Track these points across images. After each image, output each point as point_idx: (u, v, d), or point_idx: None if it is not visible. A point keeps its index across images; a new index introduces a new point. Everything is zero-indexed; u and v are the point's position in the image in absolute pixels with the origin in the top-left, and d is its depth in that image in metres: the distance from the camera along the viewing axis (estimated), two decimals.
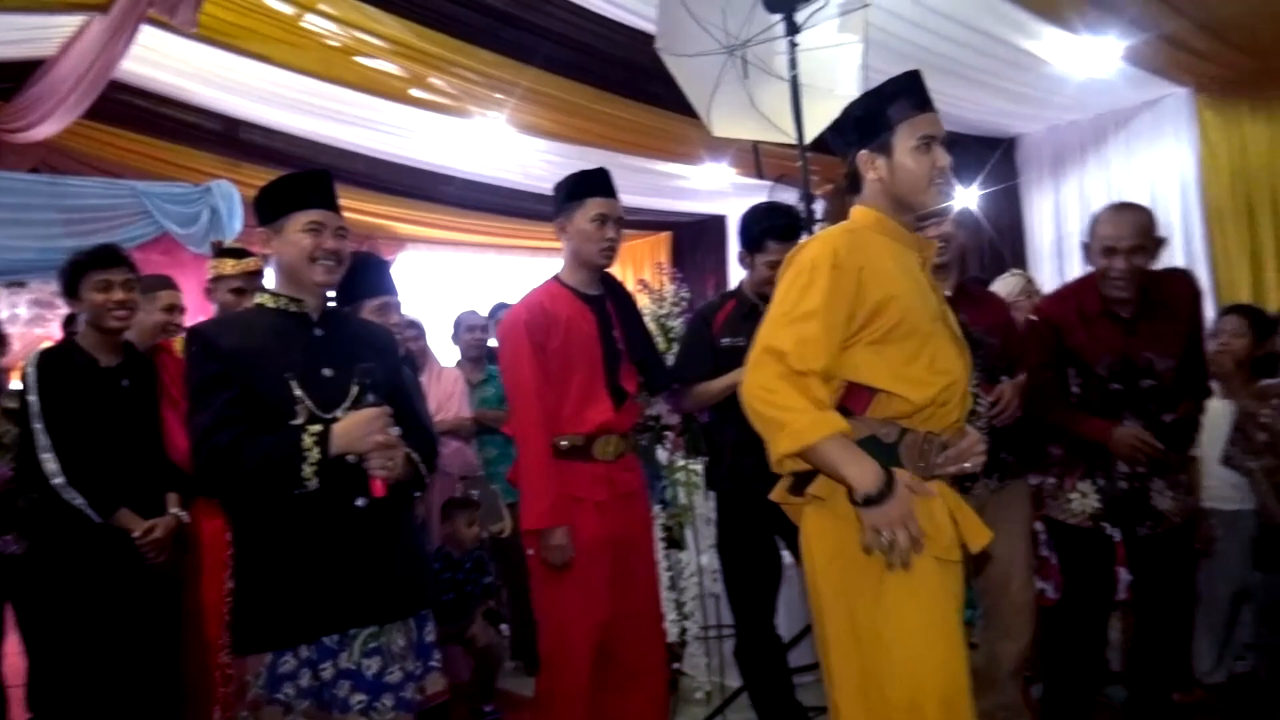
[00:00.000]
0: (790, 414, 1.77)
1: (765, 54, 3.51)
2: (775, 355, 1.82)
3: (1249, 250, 6.32)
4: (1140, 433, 2.66)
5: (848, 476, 1.77)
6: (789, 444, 1.78)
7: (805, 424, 1.76)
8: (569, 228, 2.70)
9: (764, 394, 1.82)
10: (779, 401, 1.79)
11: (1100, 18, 5.11)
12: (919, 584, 1.81)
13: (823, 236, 1.98)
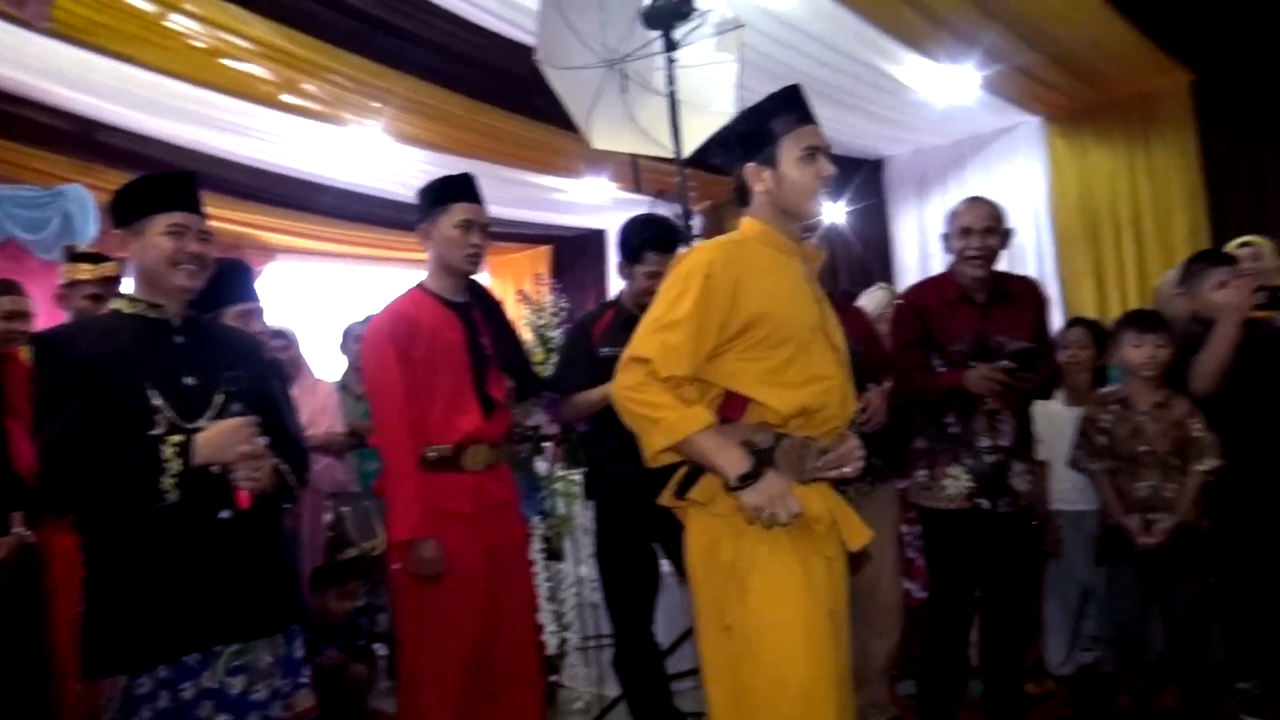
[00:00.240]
0: (661, 410, 1.86)
1: (644, 69, 3.57)
2: (640, 361, 1.90)
3: (1093, 269, 6.77)
4: (989, 370, 2.84)
5: (719, 464, 1.86)
6: (663, 438, 1.87)
7: (676, 419, 1.85)
8: (433, 234, 2.66)
9: (634, 395, 1.90)
10: (649, 400, 1.87)
11: (959, 47, 5.39)
12: (785, 581, 1.89)
13: (703, 247, 2.04)
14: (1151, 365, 3.10)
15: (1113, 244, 6.69)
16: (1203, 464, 3.01)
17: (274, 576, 2.00)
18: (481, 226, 2.69)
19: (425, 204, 2.70)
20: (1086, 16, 5.16)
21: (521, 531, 2.89)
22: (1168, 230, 6.42)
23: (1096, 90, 6.52)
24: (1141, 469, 3.08)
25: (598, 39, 3.54)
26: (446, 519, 2.53)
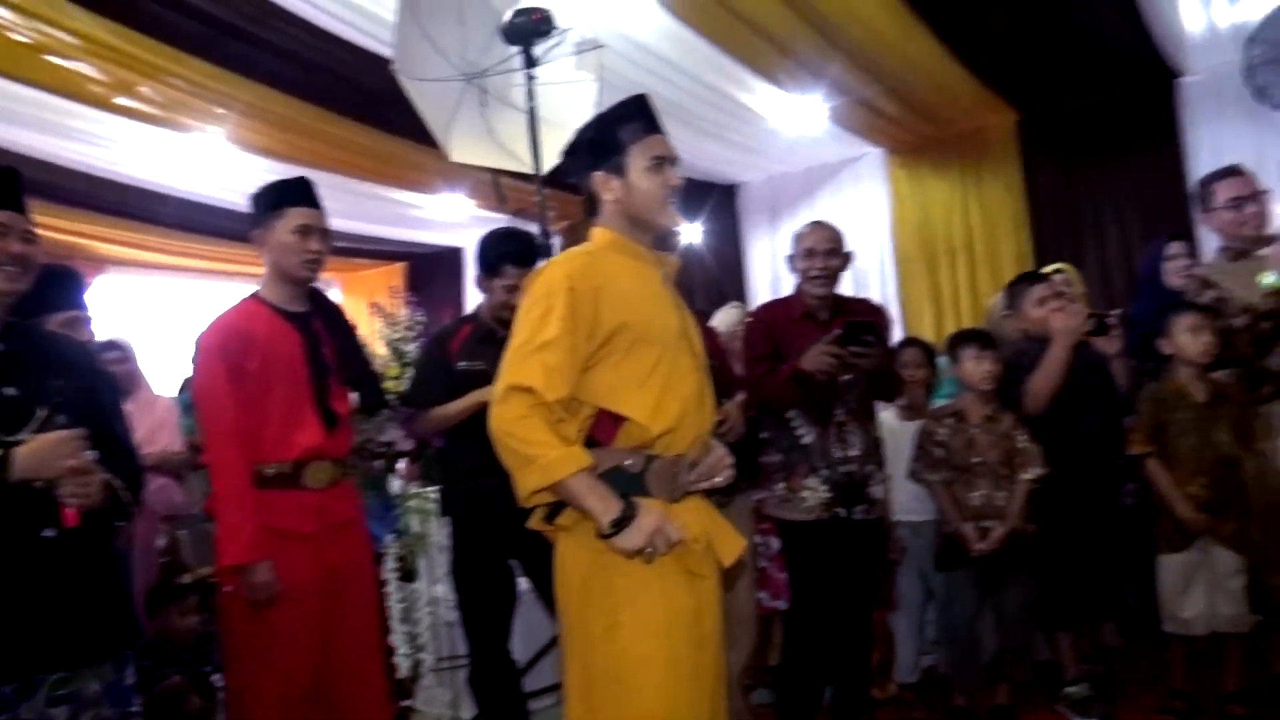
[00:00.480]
0: (540, 449, 1.80)
1: (504, 85, 3.57)
2: (523, 390, 1.82)
3: (931, 292, 7.18)
4: (821, 346, 2.93)
5: (591, 509, 1.81)
6: (538, 479, 1.81)
7: (553, 460, 1.79)
8: (268, 240, 2.54)
9: (514, 429, 1.82)
10: (530, 436, 1.80)
11: (807, 78, 5.63)
12: (654, 616, 1.85)
13: (558, 260, 2.00)
14: (989, 380, 3.30)
15: (948, 269, 7.13)
16: (1028, 473, 3.22)
17: (104, 599, 1.86)
18: (321, 232, 2.58)
19: (259, 209, 2.58)
20: (923, 56, 5.48)
21: (366, 552, 2.76)
22: (997, 256, 6.88)
23: (933, 125, 6.94)
24: (975, 479, 3.27)
25: (457, 53, 3.52)
26: (283, 540, 2.40)
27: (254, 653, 2.41)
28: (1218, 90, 6.19)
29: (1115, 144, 6.56)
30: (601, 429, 1.92)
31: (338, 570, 2.51)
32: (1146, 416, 3.18)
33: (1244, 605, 3.09)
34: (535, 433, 1.80)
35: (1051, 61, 5.85)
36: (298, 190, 2.60)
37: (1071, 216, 6.72)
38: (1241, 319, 3.11)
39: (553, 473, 1.79)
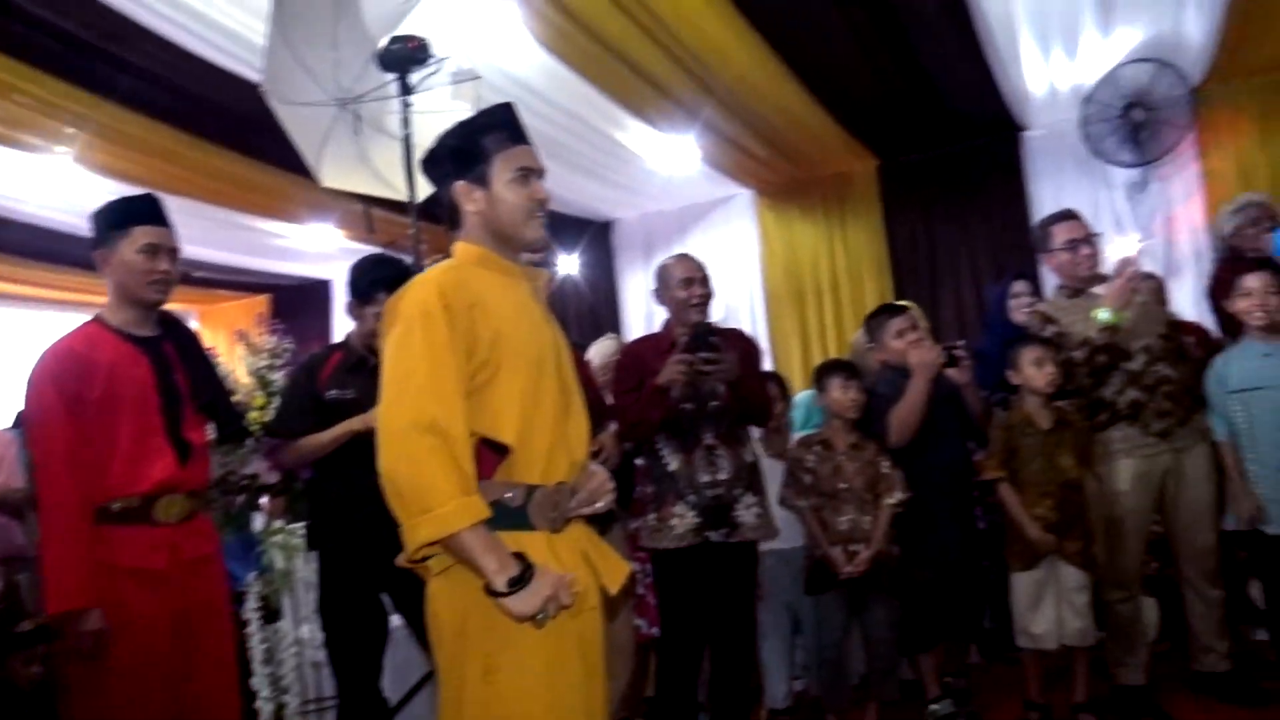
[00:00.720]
0: (436, 498, 1.65)
1: (378, 111, 3.53)
2: (424, 428, 1.66)
3: (799, 329, 7.43)
4: (675, 358, 2.99)
5: (484, 568, 1.67)
6: (431, 532, 1.66)
7: (450, 511, 1.65)
8: (112, 260, 2.41)
9: (412, 472, 1.66)
10: (429, 483, 1.65)
11: (681, 120, 5.77)
12: (534, 662, 1.74)
13: (423, 280, 1.84)
14: (854, 409, 3.43)
15: (815, 307, 7.39)
16: (892, 498, 3.35)
17: None
18: (170, 251, 2.46)
19: (101, 228, 2.45)
20: (791, 102, 5.71)
21: (222, 591, 2.61)
22: (861, 296, 7.17)
23: (800, 169, 7.22)
24: (842, 504, 3.38)
25: (330, 77, 3.46)
26: (130, 578, 2.27)
27: (96, 701, 2.25)
28: (1058, 144, 6.68)
29: (968, 191, 6.98)
30: (482, 463, 1.78)
31: (191, 610, 2.37)
32: (997, 443, 3.36)
33: (1089, 620, 3.28)
34: (436, 478, 1.65)
35: (910, 113, 6.19)
36: (144, 207, 2.48)
37: (929, 258, 7.10)
38: (1080, 352, 3.33)
39: (448, 525, 1.65)
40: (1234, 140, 6.27)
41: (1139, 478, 3.32)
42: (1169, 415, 3.30)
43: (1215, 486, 3.34)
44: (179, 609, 2.33)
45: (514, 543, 1.73)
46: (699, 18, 4.55)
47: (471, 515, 1.66)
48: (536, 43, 4.61)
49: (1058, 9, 4.85)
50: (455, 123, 1.96)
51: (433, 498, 1.64)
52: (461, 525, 1.65)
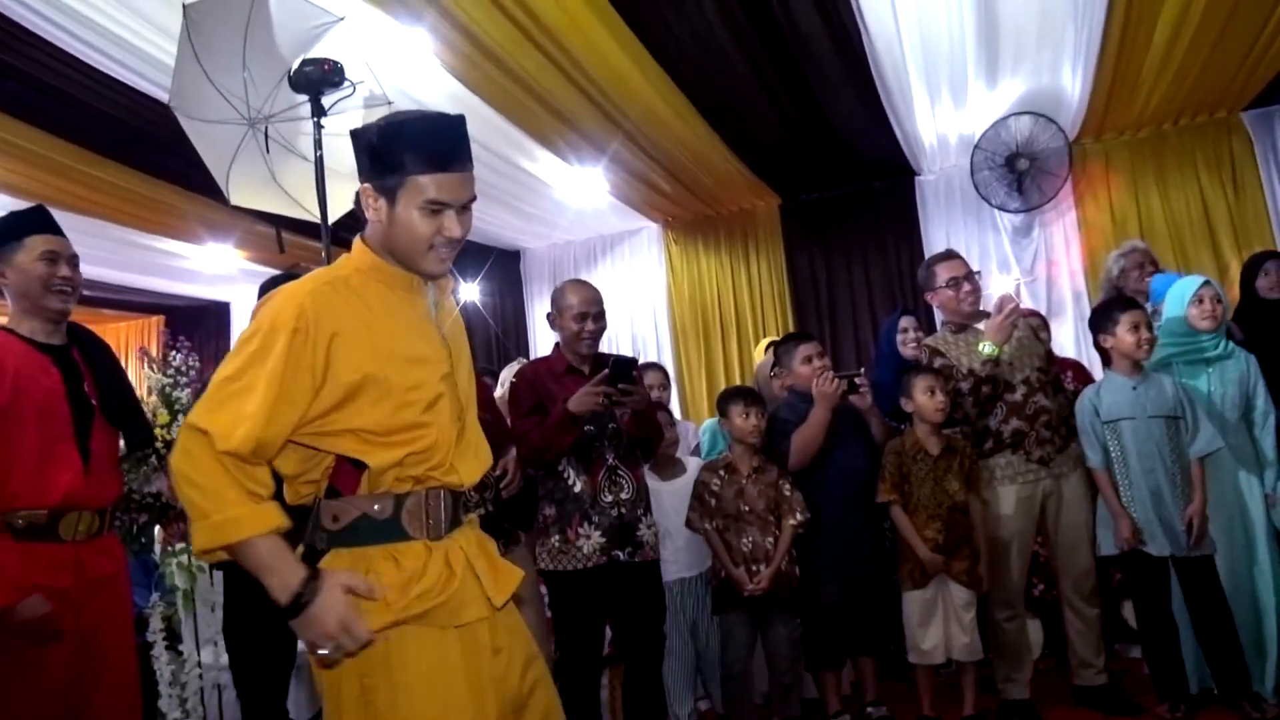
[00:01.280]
0: (215, 503, 1.54)
1: (289, 131, 3.52)
2: (199, 432, 1.56)
3: (704, 359, 7.59)
4: (587, 387, 3.02)
5: (269, 586, 1.57)
6: (208, 538, 1.55)
7: (230, 517, 1.54)
8: (9, 273, 2.37)
9: (190, 475, 1.55)
10: (206, 486, 1.54)
11: (590, 153, 5.88)
12: (410, 670, 1.65)
13: (292, 289, 1.67)
14: (755, 434, 3.54)
15: (719, 338, 7.58)
16: (793, 519, 3.47)
17: None
18: (69, 259, 2.43)
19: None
20: (697, 141, 5.89)
21: (125, 612, 2.53)
22: (763, 329, 7.40)
23: (706, 205, 7.42)
24: (745, 526, 3.47)
25: (239, 96, 3.44)
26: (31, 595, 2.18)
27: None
28: (949, 187, 7.05)
29: (865, 230, 7.30)
30: (342, 477, 1.71)
31: (92, 634, 2.30)
32: (890, 468, 3.51)
33: (976, 636, 3.44)
34: (213, 481, 1.54)
35: (811, 155, 6.45)
36: (36, 218, 2.45)
37: (828, 292, 7.38)
38: (965, 383, 3.52)
39: (226, 533, 1.54)
40: (1107, 191, 6.73)
41: (1021, 502, 3.52)
42: (1048, 443, 3.52)
43: (1091, 510, 3.56)
44: (80, 631, 2.26)
45: (387, 555, 1.66)
46: (609, 54, 4.68)
47: (254, 525, 1.55)
48: (447, 73, 4.65)
49: (947, 62, 5.14)
50: (392, 116, 1.75)
51: (210, 503, 1.54)
52: (240, 535, 1.54)
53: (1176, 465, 3.36)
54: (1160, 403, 3.40)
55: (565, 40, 4.48)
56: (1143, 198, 6.65)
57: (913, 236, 7.16)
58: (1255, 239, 6.29)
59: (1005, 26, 4.77)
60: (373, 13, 3.98)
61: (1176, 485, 3.35)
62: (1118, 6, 4.56)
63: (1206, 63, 5.43)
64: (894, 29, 4.65)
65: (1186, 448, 3.38)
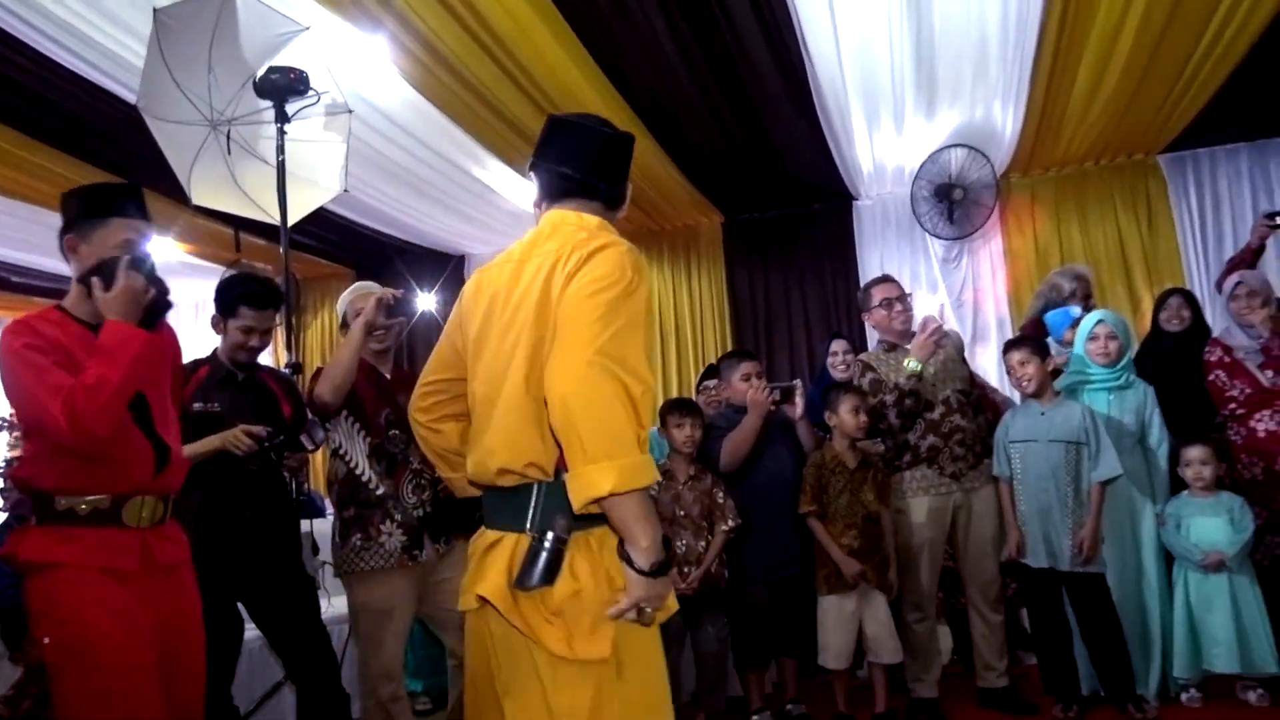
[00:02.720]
0: (621, 447, 1.51)
1: (250, 135, 3.61)
2: (625, 377, 1.54)
3: None
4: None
5: (641, 537, 1.55)
6: (617, 481, 1.49)
7: (635, 464, 1.51)
8: (82, 249, 2.19)
9: (605, 411, 1.51)
10: (618, 429, 1.51)
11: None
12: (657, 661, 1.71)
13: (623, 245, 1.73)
14: (690, 444, 3.72)
15: (659, 350, 7.75)
16: (725, 524, 3.66)
17: None
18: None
19: (75, 213, 2.24)
20: (645, 156, 6.05)
21: (196, 600, 2.34)
22: (703, 342, 7.61)
23: (651, 219, 7.61)
24: (679, 530, 3.65)
25: (204, 98, 3.53)
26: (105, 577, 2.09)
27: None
28: (884, 213, 7.35)
29: (804, 250, 7.55)
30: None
31: (170, 622, 2.19)
32: (810, 480, 3.73)
33: (890, 638, 3.67)
34: (624, 425, 1.52)
35: (755, 176, 6.67)
36: (128, 196, 2.29)
37: (765, 309, 7.62)
38: (890, 396, 3.77)
39: (636, 478, 1.51)
40: (1032, 224, 7.09)
41: (933, 513, 3.78)
42: (961, 460, 3.78)
43: (998, 524, 3.82)
44: (160, 620, 2.15)
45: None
46: (559, 67, 4.83)
47: (649, 475, 1.54)
48: (404, 79, 4.76)
49: (887, 92, 5.40)
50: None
51: (618, 446, 1.51)
52: (645, 480, 1.53)
53: (1070, 487, 3.63)
54: (1064, 428, 3.67)
55: (517, 51, 4.61)
56: (1065, 231, 7.02)
57: (849, 259, 7.44)
58: (1167, 275, 6.70)
59: (942, 63, 5.04)
60: (333, 20, 4.08)
61: (1066, 506, 3.63)
62: (1045, 52, 4.86)
63: (1126, 108, 5.79)
64: (836, 58, 4.88)
65: (1088, 472, 3.65)
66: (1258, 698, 3.64)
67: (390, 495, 3.06)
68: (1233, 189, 6.76)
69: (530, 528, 1.65)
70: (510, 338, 1.71)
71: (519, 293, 1.73)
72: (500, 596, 1.64)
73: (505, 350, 1.71)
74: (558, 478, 1.65)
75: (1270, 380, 3.92)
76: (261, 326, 3.06)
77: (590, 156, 1.85)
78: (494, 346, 1.75)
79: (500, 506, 1.73)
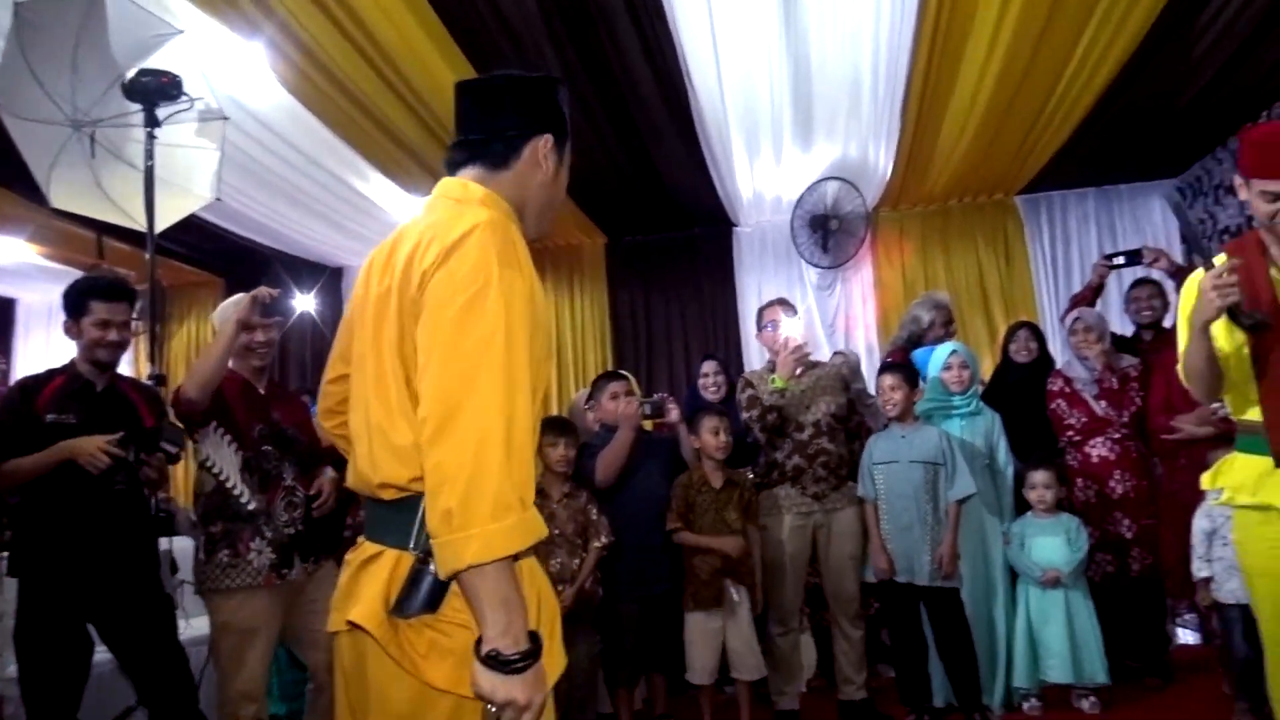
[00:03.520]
0: (492, 508, 1.23)
1: (118, 138, 3.49)
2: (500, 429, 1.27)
3: None
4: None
5: (506, 622, 1.25)
6: (480, 553, 1.23)
7: (529, 519, 1.27)
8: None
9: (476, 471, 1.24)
10: (489, 488, 1.24)
11: (424, 180, 5.97)
12: None
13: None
14: (564, 463, 3.76)
15: None
16: (599, 541, 3.71)
17: None
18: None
19: None
20: None
21: None
22: (584, 360, 7.67)
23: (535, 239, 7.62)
24: (554, 548, 3.68)
25: (66, 98, 3.40)
26: None
27: None
28: (763, 240, 7.60)
29: (684, 273, 7.72)
30: None
31: None
32: (678, 500, 3.83)
33: (752, 654, 3.78)
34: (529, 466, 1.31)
35: (638, 199, 6.80)
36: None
37: (646, 330, 7.74)
38: (755, 411, 3.93)
39: (527, 536, 1.27)
40: (900, 256, 7.44)
41: (796, 529, 3.93)
42: (824, 481, 3.95)
43: (860, 543, 4.00)
44: None
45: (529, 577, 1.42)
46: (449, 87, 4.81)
47: (527, 536, 1.28)
48: (283, 87, 4.67)
49: (766, 125, 5.60)
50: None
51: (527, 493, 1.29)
52: (516, 547, 1.26)
53: (930, 505, 3.84)
54: (923, 450, 3.88)
55: (404, 66, 4.59)
56: (930, 265, 7.39)
57: (728, 283, 7.64)
58: (1022, 308, 7.13)
59: (819, 98, 5.26)
60: (211, 24, 3.99)
61: (927, 524, 3.83)
62: (914, 96, 5.15)
63: (987, 151, 6.17)
64: (718, 89, 5.04)
65: (946, 491, 3.86)
66: (1090, 705, 3.90)
67: (261, 511, 3.00)
68: (1080, 230, 7.27)
69: (414, 547, 1.40)
70: (373, 335, 1.49)
71: (385, 285, 1.50)
72: (376, 623, 1.40)
73: (375, 352, 1.48)
74: None
75: (1104, 410, 4.23)
76: (117, 319, 2.94)
77: (464, 114, 1.63)
78: (363, 347, 1.52)
79: (381, 519, 1.49)
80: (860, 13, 4.35)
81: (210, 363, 2.92)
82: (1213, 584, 3.63)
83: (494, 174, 1.58)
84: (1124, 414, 4.21)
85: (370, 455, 1.46)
